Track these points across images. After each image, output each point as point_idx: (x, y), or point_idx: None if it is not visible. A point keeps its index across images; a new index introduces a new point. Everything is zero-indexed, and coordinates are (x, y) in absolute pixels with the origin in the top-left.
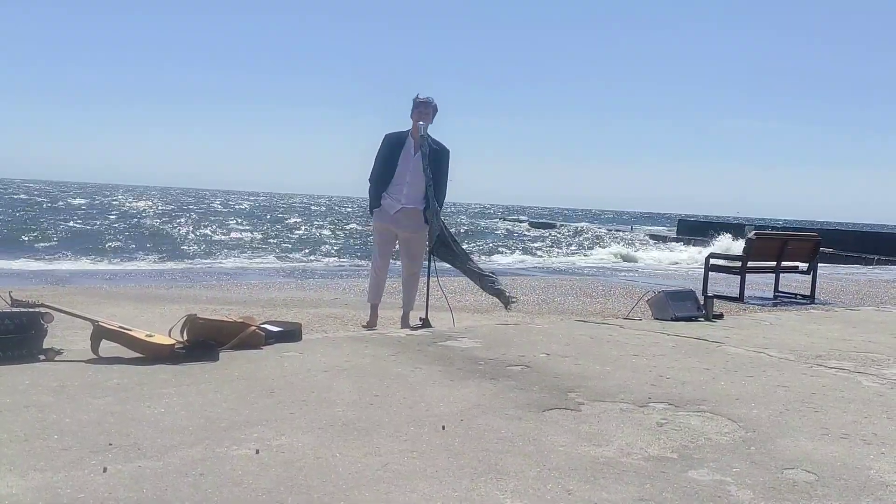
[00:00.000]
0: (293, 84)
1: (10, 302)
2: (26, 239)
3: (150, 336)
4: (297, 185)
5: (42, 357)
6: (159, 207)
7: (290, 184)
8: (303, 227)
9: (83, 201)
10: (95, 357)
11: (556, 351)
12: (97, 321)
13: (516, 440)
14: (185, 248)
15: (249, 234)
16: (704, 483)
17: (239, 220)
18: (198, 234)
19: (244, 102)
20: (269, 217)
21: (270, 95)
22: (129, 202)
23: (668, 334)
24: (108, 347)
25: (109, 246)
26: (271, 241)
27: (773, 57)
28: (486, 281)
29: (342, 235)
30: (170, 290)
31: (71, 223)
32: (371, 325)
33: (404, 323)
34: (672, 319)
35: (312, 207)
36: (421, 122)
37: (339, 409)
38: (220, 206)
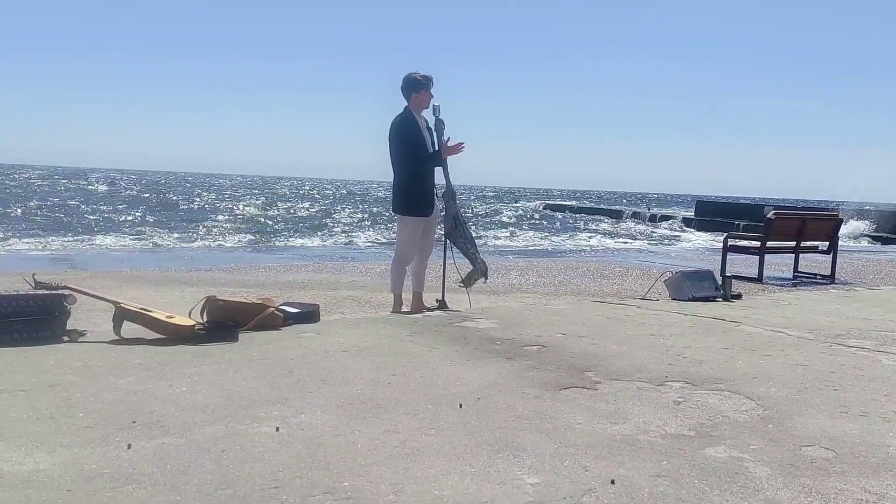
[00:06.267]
0: (292, 68)
1: (34, 284)
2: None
3: (171, 317)
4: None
5: (66, 338)
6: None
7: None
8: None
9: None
10: (118, 338)
11: (573, 331)
12: (119, 303)
13: (533, 418)
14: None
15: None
16: (722, 460)
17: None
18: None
19: (235, 88)
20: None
21: (268, 80)
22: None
23: (686, 314)
24: (129, 329)
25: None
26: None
27: (797, 34)
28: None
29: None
30: (189, 273)
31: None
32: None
33: (419, 304)
34: (690, 300)
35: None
36: (437, 104)
37: (358, 387)
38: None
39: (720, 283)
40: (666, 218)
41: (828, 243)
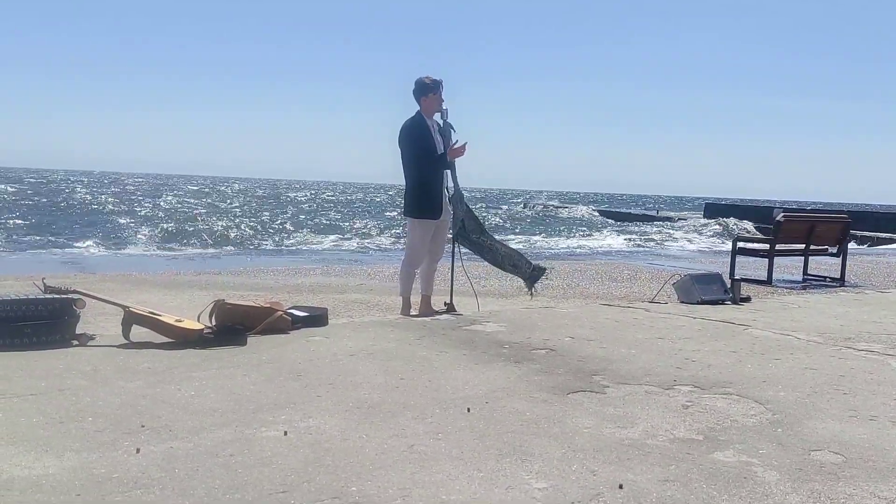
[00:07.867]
0: (300, 57)
1: (43, 289)
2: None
3: (180, 321)
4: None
5: (75, 342)
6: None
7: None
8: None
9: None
10: (127, 342)
11: (581, 335)
12: (128, 307)
13: (541, 422)
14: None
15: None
16: (730, 464)
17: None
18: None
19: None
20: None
21: (273, 70)
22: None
23: (694, 317)
24: (138, 332)
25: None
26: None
27: (813, 32)
28: (520, 266)
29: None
30: (198, 276)
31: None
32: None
33: (427, 307)
34: (698, 303)
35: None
36: (446, 107)
37: (365, 391)
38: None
39: (729, 285)
40: (677, 219)
41: (837, 246)
